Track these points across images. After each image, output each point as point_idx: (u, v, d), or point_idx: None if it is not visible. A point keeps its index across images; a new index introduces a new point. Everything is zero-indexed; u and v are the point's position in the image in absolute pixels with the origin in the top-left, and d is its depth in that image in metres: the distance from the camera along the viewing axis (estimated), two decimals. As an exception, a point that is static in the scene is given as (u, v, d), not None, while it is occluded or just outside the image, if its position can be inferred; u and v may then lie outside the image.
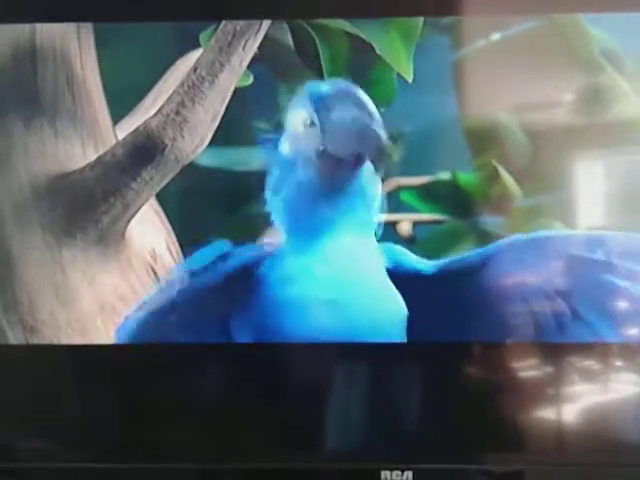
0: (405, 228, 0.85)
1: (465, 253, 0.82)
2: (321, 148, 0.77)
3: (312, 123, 0.78)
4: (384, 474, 0.82)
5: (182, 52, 0.86)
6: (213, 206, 0.85)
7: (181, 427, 0.85)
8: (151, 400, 0.85)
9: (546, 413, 0.84)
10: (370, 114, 0.76)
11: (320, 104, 0.78)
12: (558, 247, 0.81)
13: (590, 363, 0.83)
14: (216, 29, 0.83)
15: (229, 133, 0.85)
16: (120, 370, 0.86)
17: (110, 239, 0.85)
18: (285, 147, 0.81)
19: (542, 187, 0.84)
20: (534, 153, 0.84)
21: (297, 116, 0.80)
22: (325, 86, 0.79)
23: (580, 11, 0.83)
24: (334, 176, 0.78)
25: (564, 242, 0.82)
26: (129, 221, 0.86)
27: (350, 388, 0.85)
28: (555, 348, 0.83)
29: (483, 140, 0.84)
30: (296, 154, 0.80)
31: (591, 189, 0.84)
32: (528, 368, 0.84)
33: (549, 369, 0.84)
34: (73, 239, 0.85)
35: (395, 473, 0.82)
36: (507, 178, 0.84)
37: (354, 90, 0.78)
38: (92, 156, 0.86)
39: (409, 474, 0.82)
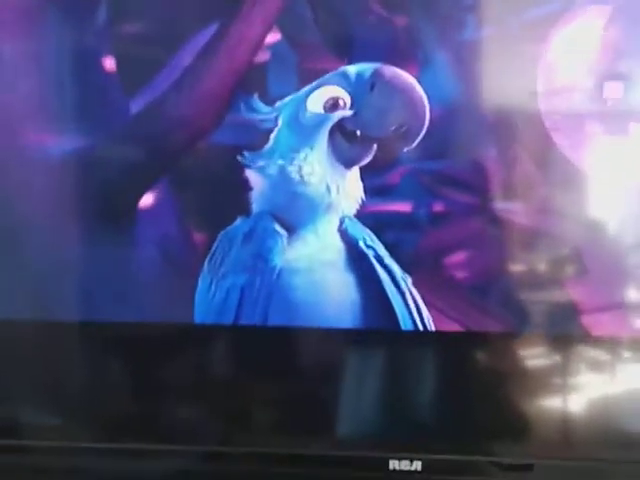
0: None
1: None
2: (350, 129, 0.79)
3: (343, 104, 0.79)
4: (392, 463, 0.82)
5: (200, 26, 0.84)
6: (225, 186, 0.83)
7: (188, 408, 0.85)
8: (159, 379, 0.85)
9: (557, 406, 0.83)
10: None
11: (362, 85, 0.79)
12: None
13: (601, 356, 0.83)
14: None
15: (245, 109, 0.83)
16: (127, 348, 0.85)
17: (121, 216, 0.84)
18: (299, 124, 0.81)
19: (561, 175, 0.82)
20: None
21: (326, 94, 0.80)
22: (368, 68, 0.79)
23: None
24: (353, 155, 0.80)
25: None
26: (141, 198, 0.84)
27: (360, 376, 0.84)
28: (566, 340, 0.82)
29: (504, 125, 0.82)
30: (313, 130, 0.80)
31: (611, 180, 0.82)
32: (538, 359, 0.83)
33: (560, 361, 0.83)
34: (84, 215, 0.84)
35: (404, 463, 0.81)
36: (528, 164, 0.82)
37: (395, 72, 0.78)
38: (105, 131, 0.84)
39: (418, 464, 0.81)
